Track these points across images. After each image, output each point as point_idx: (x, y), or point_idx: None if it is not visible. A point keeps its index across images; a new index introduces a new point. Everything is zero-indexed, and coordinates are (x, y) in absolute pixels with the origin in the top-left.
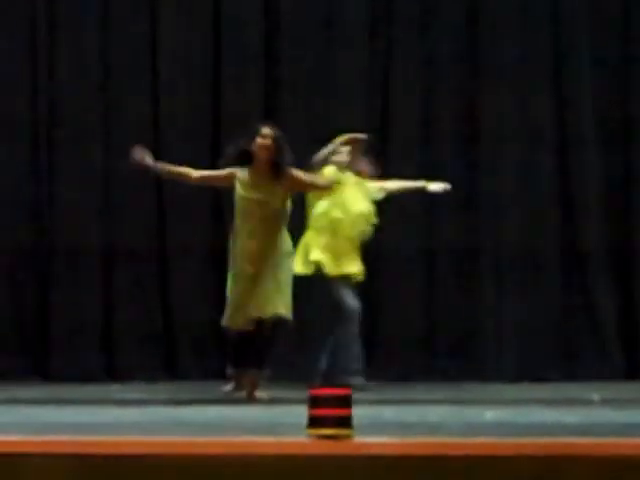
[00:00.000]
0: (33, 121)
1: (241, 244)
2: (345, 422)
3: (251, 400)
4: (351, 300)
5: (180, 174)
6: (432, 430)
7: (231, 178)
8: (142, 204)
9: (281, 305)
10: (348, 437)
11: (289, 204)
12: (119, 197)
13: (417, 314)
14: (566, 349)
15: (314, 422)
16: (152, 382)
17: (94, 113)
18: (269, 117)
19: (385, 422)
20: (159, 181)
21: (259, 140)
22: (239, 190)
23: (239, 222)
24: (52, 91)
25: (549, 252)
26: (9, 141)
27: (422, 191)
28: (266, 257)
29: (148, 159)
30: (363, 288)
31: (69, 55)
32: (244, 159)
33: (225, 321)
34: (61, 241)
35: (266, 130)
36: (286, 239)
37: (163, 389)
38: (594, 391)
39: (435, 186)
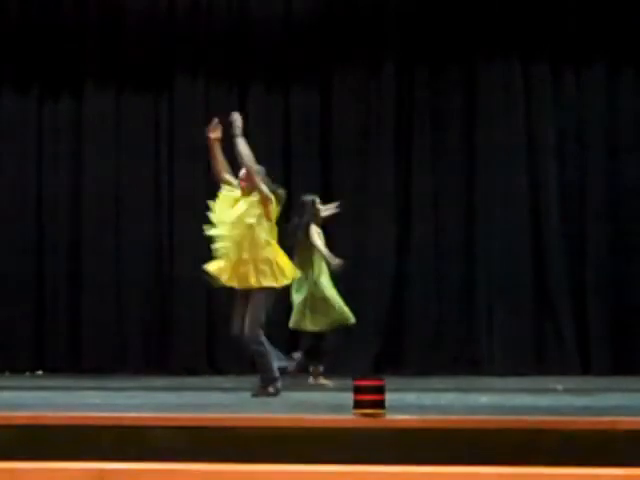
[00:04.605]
0: None
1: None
2: (380, 404)
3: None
4: None
5: None
6: (443, 410)
7: None
8: None
9: None
10: (382, 415)
11: None
12: None
13: (432, 326)
14: (538, 352)
15: (358, 404)
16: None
17: None
18: None
19: (408, 405)
20: None
21: None
22: None
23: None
24: None
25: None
26: None
27: None
28: None
29: None
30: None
31: None
32: None
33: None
34: None
35: None
36: None
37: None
38: (558, 383)
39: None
